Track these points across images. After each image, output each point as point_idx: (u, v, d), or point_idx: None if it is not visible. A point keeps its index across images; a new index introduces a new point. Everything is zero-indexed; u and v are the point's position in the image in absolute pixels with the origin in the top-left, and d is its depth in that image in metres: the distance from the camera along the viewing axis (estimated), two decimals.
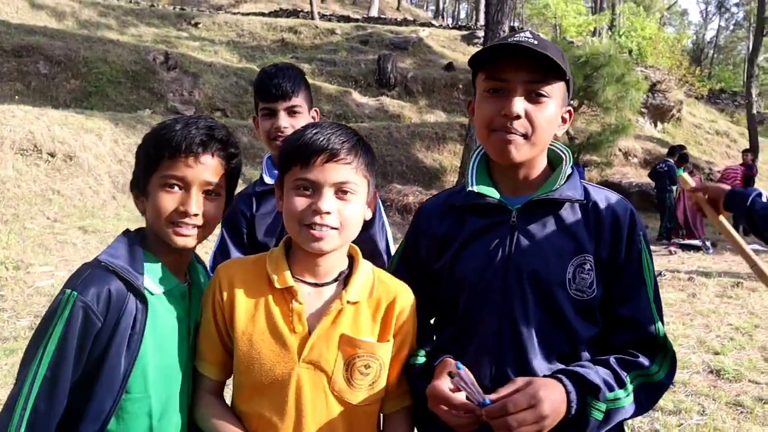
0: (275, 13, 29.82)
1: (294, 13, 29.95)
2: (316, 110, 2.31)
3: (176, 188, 1.50)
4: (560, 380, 1.41)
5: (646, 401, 1.50)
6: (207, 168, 1.51)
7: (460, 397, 1.39)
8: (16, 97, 13.51)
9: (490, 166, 1.66)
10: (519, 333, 1.51)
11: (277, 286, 1.47)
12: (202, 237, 1.55)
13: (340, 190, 1.45)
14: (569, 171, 1.61)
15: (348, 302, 1.49)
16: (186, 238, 1.51)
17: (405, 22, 30.41)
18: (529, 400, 1.33)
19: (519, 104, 1.48)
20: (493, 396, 1.36)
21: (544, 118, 1.51)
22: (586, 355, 1.53)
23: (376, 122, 17.45)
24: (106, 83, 16.00)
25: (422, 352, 1.61)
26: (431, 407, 1.43)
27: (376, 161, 1.60)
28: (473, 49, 23.48)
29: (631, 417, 1.49)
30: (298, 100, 2.20)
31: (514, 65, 1.49)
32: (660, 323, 1.54)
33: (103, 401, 1.39)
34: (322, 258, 1.50)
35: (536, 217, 1.57)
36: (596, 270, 1.52)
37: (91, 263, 1.46)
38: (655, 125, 24.20)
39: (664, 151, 16.13)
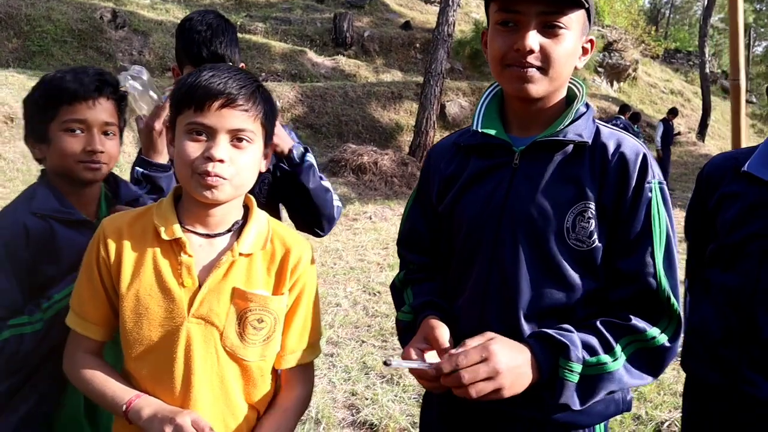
0: None
1: None
2: (242, 64, 2.14)
3: (78, 131, 1.68)
4: (527, 342, 1.35)
5: (647, 368, 1.38)
6: (104, 110, 1.72)
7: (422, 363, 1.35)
8: None
9: (503, 106, 1.55)
10: (508, 286, 1.42)
11: (165, 237, 1.39)
12: (107, 171, 1.75)
13: (236, 138, 1.36)
14: (583, 109, 1.48)
15: (240, 254, 1.41)
16: (95, 172, 1.71)
17: None
18: (481, 352, 1.27)
19: (533, 38, 1.36)
20: (438, 361, 1.33)
21: (562, 52, 1.38)
22: (582, 312, 1.42)
23: (331, 81, 17.19)
24: (50, 42, 15.40)
25: (407, 308, 1.59)
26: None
27: (278, 111, 1.52)
28: (431, 8, 23.26)
29: (633, 386, 1.39)
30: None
31: None
32: (666, 281, 1.38)
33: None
34: (214, 208, 1.41)
35: (539, 160, 1.44)
36: (598, 218, 1.39)
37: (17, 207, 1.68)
38: (611, 84, 24.39)
39: (635, 139, 16.25)
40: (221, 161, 1.34)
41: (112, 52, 15.97)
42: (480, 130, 1.51)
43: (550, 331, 1.35)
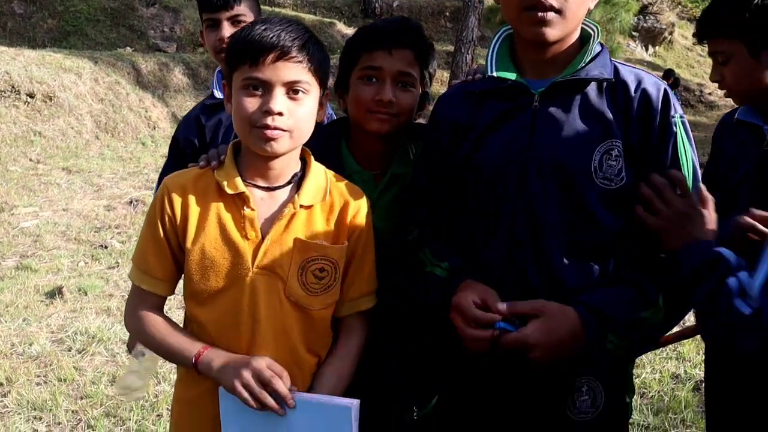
0: None
1: None
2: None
3: (374, 80, 1.64)
4: (575, 308, 1.38)
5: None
6: (402, 59, 1.65)
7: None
8: None
9: (514, 49, 1.53)
10: (540, 229, 1.42)
11: (228, 192, 1.42)
12: (397, 123, 1.67)
13: (292, 90, 1.38)
14: (598, 48, 1.47)
15: (301, 206, 1.44)
16: (381, 123, 1.64)
17: None
18: (534, 305, 1.37)
19: None
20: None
21: None
22: (614, 251, 1.45)
23: None
24: (84, 22, 15.56)
25: (446, 264, 1.55)
26: (451, 317, 1.43)
27: (330, 60, 1.52)
28: None
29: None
30: (242, 8, 2.07)
31: None
32: None
33: None
34: (273, 161, 1.44)
35: (560, 101, 1.43)
36: (625, 156, 1.39)
37: None
38: (647, 49, 23.82)
39: (654, 74, 15.92)
40: (280, 114, 1.36)
41: (144, 30, 16.08)
42: (495, 75, 1.48)
43: (595, 302, 1.39)
